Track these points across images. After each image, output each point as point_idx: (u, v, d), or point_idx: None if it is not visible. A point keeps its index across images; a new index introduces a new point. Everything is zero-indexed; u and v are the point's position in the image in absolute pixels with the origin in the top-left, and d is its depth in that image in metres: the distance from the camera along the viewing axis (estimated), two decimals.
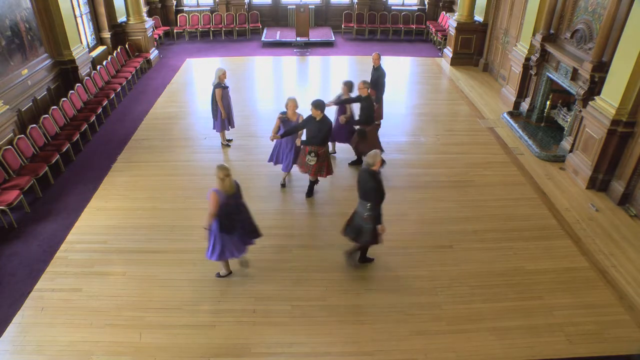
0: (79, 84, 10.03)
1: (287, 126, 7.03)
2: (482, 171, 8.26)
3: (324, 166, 7.03)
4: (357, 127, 7.85)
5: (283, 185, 7.70)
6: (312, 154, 6.75)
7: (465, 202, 7.40)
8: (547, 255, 6.30)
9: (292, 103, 7.09)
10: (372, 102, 7.67)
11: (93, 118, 9.45)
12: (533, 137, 9.20)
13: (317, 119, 6.62)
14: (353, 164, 8.30)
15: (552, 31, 9.18)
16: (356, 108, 7.98)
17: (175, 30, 16.26)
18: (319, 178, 7.33)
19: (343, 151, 8.75)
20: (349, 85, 7.79)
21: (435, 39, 15.73)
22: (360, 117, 7.72)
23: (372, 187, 5.28)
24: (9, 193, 6.72)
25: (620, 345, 5.02)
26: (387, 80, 8.82)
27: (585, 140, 7.74)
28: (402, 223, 6.83)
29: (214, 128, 8.66)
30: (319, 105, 6.62)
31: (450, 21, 13.95)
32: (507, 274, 5.96)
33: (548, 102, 9.54)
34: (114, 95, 10.70)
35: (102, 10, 12.38)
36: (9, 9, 8.38)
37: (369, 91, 7.59)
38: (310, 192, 7.42)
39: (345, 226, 5.81)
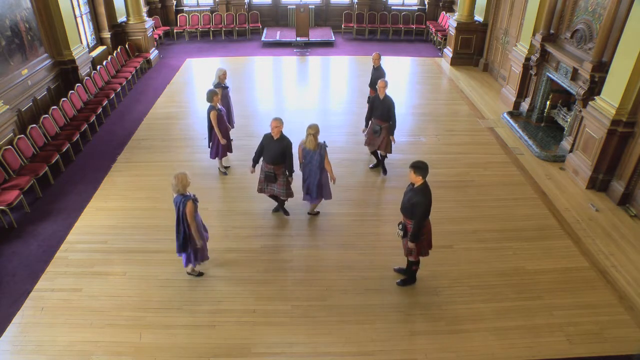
0: (79, 84, 10.04)
1: (308, 155, 6.42)
2: (482, 171, 8.27)
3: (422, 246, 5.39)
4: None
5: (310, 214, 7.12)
6: (400, 227, 5.36)
7: (465, 202, 7.41)
8: (547, 255, 6.30)
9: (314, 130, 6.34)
10: (392, 100, 7.53)
11: (93, 118, 9.45)
12: (533, 137, 9.20)
13: (416, 185, 5.08)
14: (375, 167, 8.26)
15: (552, 31, 9.18)
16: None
17: (175, 30, 16.26)
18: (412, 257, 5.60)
19: (343, 151, 8.76)
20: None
21: (435, 39, 15.73)
22: (383, 115, 7.59)
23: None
24: (9, 193, 6.73)
25: (620, 345, 5.02)
26: (387, 80, 8.80)
27: (585, 140, 7.74)
28: None
29: None
30: (420, 169, 4.98)
31: (450, 21, 13.95)
32: (507, 274, 5.96)
33: (548, 102, 9.55)
34: (114, 95, 10.71)
35: (102, 10, 12.38)
36: (9, 9, 8.38)
37: (386, 90, 7.54)
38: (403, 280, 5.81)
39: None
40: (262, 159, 6.51)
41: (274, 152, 6.24)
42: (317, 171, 6.44)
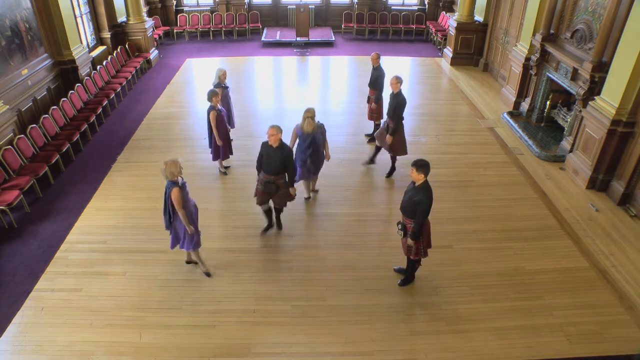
0: (79, 84, 10.04)
1: (303, 139, 6.59)
2: (482, 171, 8.27)
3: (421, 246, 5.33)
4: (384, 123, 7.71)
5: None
6: (400, 226, 5.39)
7: (465, 202, 7.41)
8: (547, 255, 6.30)
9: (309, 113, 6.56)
10: (401, 99, 7.36)
11: (93, 118, 9.46)
12: (533, 137, 9.20)
13: (417, 184, 5.09)
14: (370, 162, 8.30)
15: (552, 31, 9.18)
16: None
17: (175, 30, 16.26)
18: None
19: (343, 151, 8.76)
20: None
21: (435, 39, 15.73)
22: (390, 113, 7.48)
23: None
24: (9, 193, 6.72)
25: (620, 345, 5.02)
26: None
27: (585, 140, 7.74)
28: None
29: None
30: (422, 167, 4.97)
31: (450, 21, 13.95)
32: (507, 274, 5.96)
33: (548, 102, 9.54)
34: (114, 95, 10.71)
35: (102, 10, 12.38)
36: (9, 9, 8.38)
37: (400, 87, 7.39)
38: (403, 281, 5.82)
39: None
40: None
41: (274, 161, 5.89)
42: (321, 149, 6.76)
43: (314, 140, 6.62)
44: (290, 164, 5.98)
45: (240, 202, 7.34)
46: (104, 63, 11.50)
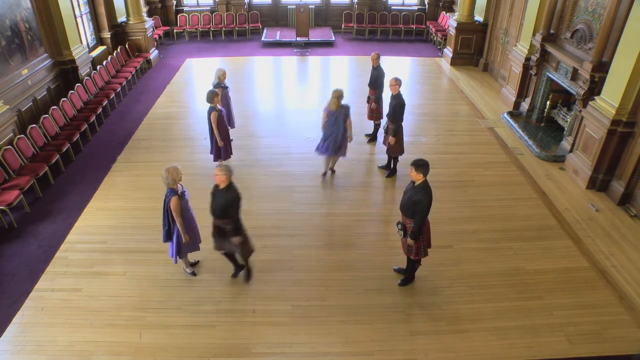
0: (79, 84, 10.04)
1: (331, 117, 7.20)
2: (482, 171, 8.27)
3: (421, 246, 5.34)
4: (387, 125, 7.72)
5: (324, 174, 7.98)
6: (399, 226, 5.38)
7: (465, 202, 7.41)
8: (547, 255, 6.30)
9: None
10: (401, 100, 7.35)
11: (93, 118, 9.46)
12: (533, 137, 9.20)
13: (416, 183, 5.08)
14: (385, 171, 8.18)
15: (552, 31, 9.18)
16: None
17: (175, 30, 16.26)
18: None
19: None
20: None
21: (435, 39, 15.73)
22: (389, 114, 7.50)
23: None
24: (9, 193, 6.73)
25: (620, 345, 5.02)
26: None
27: (585, 140, 7.74)
28: None
29: None
30: (421, 166, 4.98)
31: (450, 21, 13.95)
32: (507, 274, 5.96)
33: (548, 102, 9.55)
34: (114, 95, 10.71)
35: (102, 10, 12.39)
36: (9, 9, 8.38)
37: (399, 88, 7.38)
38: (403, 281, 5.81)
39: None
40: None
41: (218, 203, 5.20)
42: (342, 127, 7.28)
43: (337, 120, 7.16)
44: (232, 210, 5.16)
45: None
46: (104, 63, 11.50)
